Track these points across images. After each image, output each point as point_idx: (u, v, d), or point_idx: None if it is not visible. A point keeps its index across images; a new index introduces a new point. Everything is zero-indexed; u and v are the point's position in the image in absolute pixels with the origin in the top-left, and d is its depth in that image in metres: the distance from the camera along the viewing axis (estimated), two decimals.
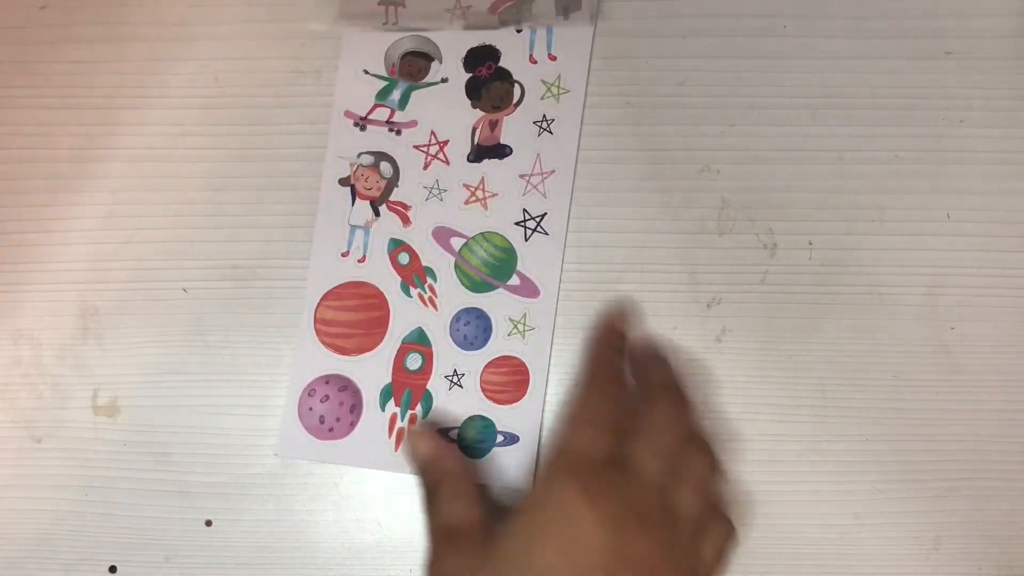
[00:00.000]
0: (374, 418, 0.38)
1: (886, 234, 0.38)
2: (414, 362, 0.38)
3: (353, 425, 0.38)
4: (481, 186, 0.39)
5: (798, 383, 0.38)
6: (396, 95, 0.39)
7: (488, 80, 0.39)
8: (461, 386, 0.38)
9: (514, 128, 0.39)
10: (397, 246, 0.39)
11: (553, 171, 0.39)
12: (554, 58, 0.39)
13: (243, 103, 0.40)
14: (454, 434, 0.38)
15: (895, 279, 0.38)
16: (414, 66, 0.39)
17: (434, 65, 0.39)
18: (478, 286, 0.38)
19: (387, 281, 0.39)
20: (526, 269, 0.38)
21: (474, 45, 0.39)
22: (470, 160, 0.39)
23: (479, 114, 0.39)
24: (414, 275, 0.38)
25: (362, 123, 0.39)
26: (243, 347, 0.39)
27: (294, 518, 0.39)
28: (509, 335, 0.38)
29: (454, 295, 0.38)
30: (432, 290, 0.38)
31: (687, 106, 0.39)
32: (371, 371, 0.38)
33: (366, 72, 0.39)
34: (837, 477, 0.38)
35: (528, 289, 0.38)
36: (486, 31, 0.39)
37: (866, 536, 0.38)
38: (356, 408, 0.38)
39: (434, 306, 0.38)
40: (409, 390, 0.38)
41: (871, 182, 0.39)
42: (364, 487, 0.39)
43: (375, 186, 0.39)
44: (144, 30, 0.40)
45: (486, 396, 0.38)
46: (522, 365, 0.38)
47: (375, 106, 0.39)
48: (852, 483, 0.38)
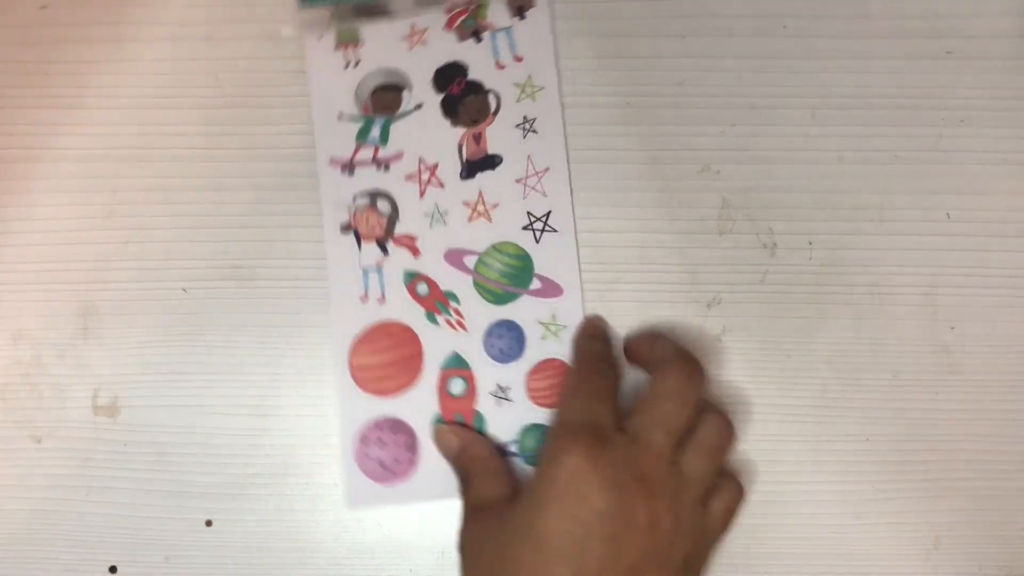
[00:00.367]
0: (432, 450, 0.38)
1: (886, 234, 0.38)
2: (457, 387, 0.38)
3: (414, 462, 0.38)
4: (480, 200, 0.39)
5: (798, 383, 0.38)
6: (376, 132, 0.39)
7: (462, 96, 0.39)
8: (509, 399, 0.38)
9: (498, 136, 0.39)
10: (413, 278, 0.38)
11: (547, 168, 0.39)
12: (520, 59, 0.39)
13: (243, 103, 0.40)
14: (515, 447, 0.38)
15: (895, 279, 0.38)
16: (386, 99, 0.39)
17: (405, 94, 0.39)
18: (501, 298, 0.38)
19: (411, 314, 0.38)
20: (544, 271, 0.38)
21: (439, 65, 0.39)
22: (463, 177, 0.39)
23: (461, 131, 0.39)
24: (436, 302, 0.38)
25: (349, 167, 0.39)
26: (243, 347, 0.39)
27: (294, 518, 0.39)
28: (543, 338, 0.38)
29: (480, 312, 0.38)
30: (458, 313, 0.38)
31: (687, 106, 0.39)
32: (418, 405, 0.38)
33: (341, 117, 0.39)
34: (837, 477, 0.38)
35: (551, 289, 0.38)
36: (449, 48, 0.39)
37: (866, 536, 0.38)
38: (412, 445, 0.38)
39: (463, 328, 0.38)
40: (459, 415, 0.38)
41: (871, 182, 0.39)
42: None
43: (377, 225, 0.39)
44: (144, 30, 0.40)
45: (536, 403, 0.38)
46: (563, 365, 0.38)
47: (358, 147, 0.39)
48: (852, 483, 0.38)
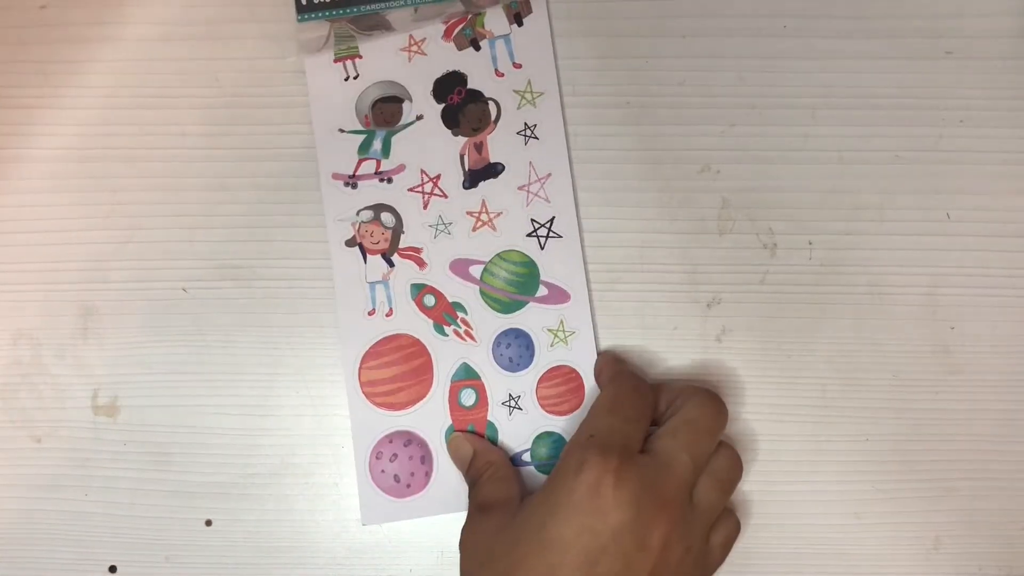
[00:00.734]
0: (447, 462, 0.38)
1: (886, 234, 0.38)
2: (468, 398, 0.38)
3: (428, 475, 0.38)
4: (484, 209, 0.39)
5: (798, 383, 0.38)
6: (377, 145, 0.39)
7: (462, 105, 0.39)
8: (520, 408, 0.38)
9: (500, 144, 0.39)
10: (420, 290, 0.38)
11: (549, 174, 0.39)
12: (519, 66, 0.39)
13: (243, 103, 0.40)
14: (527, 456, 0.38)
15: (895, 279, 0.38)
16: (386, 112, 0.39)
17: (405, 105, 0.39)
18: (508, 306, 0.38)
19: (419, 327, 0.38)
20: (550, 277, 0.38)
21: (439, 75, 0.39)
22: (466, 187, 0.39)
23: (462, 140, 0.39)
24: (444, 314, 0.38)
25: (352, 181, 0.39)
26: (243, 347, 0.39)
27: (294, 518, 0.39)
28: (552, 345, 0.38)
29: (488, 322, 0.38)
30: (465, 323, 0.38)
31: (687, 106, 0.39)
32: (430, 418, 0.38)
33: (342, 131, 0.39)
34: (837, 477, 0.38)
35: (558, 295, 0.38)
36: (448, 58, 0.39)
37: (866, 536, 0.38)
38: (426, 458, 0.38)
39: (472, 338, 0.38)
40: (472, 425, 0.38)
41: (871, 182, 0.39)
42: None
43: (382, 239, 0.39)
44: (144, 30, 0.40)
45: (547, 411, 0.38)
46: (573, 372, 0.38)
47: (360, 161, 0.39)
48: (852, 483, 0.38)
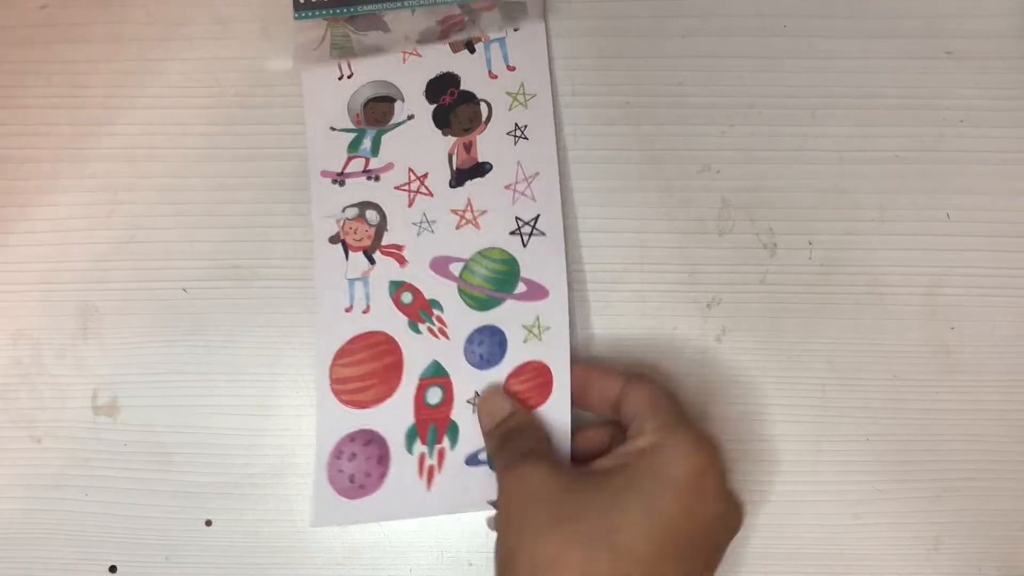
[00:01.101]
0: (403, 463, 0.37)
1: (886, 234, 0.38)
2: (435, 396, 0.37)
3: (383, 476, 0.37)
4: (469, 208, 0.38)
5: (798, 383, 0.38)
6: (367, 143, 0.39)
7: (454, 106, 0.39)
8: None
9: (489, 144, 0.39)
10: (398, 287, 0.38)
11: (537, 173, 0.38)
12: (513, 68, 0.39)
13: (243, 103, 0.40)
14: (482, 456, 0.37)
15: (895, 279, 0.38)
16: (378, 111, 0.39)
17: (397, 105, 0.39)
18: (485, 303, 0.38)
19: (394, 324, 0.38)
20: (530, 274, 0.38)
21: (432, 76, 0.39)
22: (452, 186, 0.39)
23: (452, 140, 0.39)
24: (420, 311, 0.38)
25: (340, 179, 0.39)
26: (243, 347, 0.39)
27: (294, 518, 0.39)
28: (525, 341, 0.37)
29: (463, 319, 0.38)
30: (440, 320, 0.38)
31: (687, 106, 0.39)
32: (393, 417, 0.37)
33: (333, 129, 0.39)
34: (837, 477, 0.38)
35: (536, 292, 0.38)
36: (442, 61, 0.39)
37: (866, 536, 0.38)
38: (384, 458, 0.37)
39: (445, 336, 0.38)
40: (433, 426, 0.37)
41: (871, 182, 0.39)
42: None
43: (365, 236, 0.39)
44: (144, 30, 0.40)
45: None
46: (542, 367, 0.37)
47: (349, 159, 0.39)
48: (852, 483, 0.38)
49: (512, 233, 0.38)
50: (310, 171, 0.39)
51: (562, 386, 0.37)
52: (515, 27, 0.39)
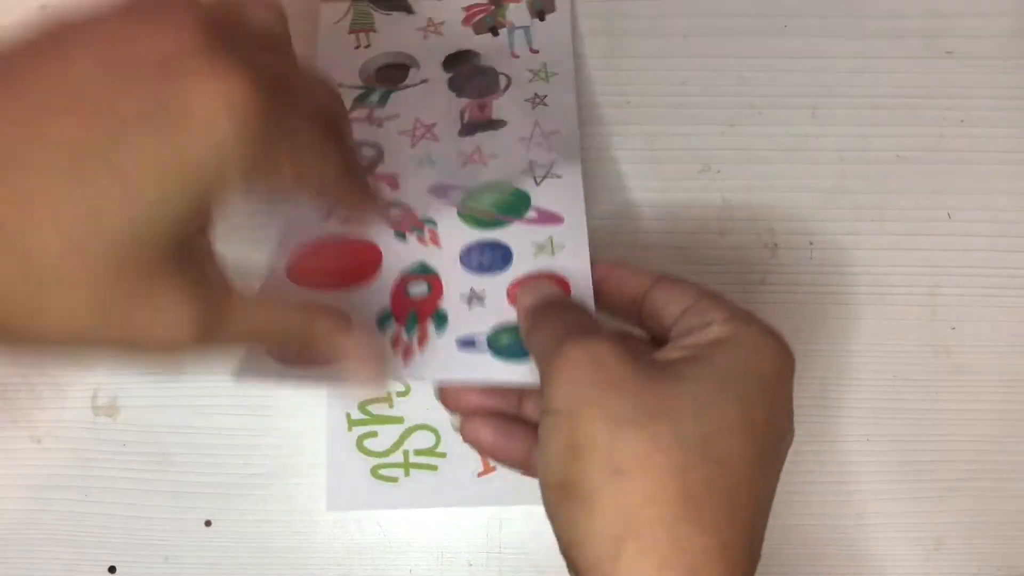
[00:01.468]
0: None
1: (886, 234, 0.38)
2: (418, 287, 0.32)
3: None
4: (477, 152, 0.35)
5: (798, 383, 0.38)
6: (375, 97, 0.37)
7: (471, 75, 0.38)
8: (483, 304, 0.32)
9: (505, 106, 0.37)
10: (387, 206, 0.34)
11: (555, 131, 0.36)
12: (536, 51, 0.38)
13: None
14: (482, 340, 0.31)
15: (895, 279, 0.38)
16: (392, 75, 0.38)
17: (412, 71, 0.38)
18: (488, 224, 0.33)
19: (377, 231, 0.33)
20: (542, 204, 0.33)
21: (452, 52, 0.38)
22: (461, 135, 0.36)
23: (465, 100, 0.37)
24: (411, 226, 0.33)
25: None
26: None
27: (294, 518, 0.39)
28: (535, 256, 0.32)
29: (460, 234, 0.33)
30: (432, 232, 0.33)
31: (688, 106, 0.39)
32: (364, 301, 0.32)
33: (341, 85, 0.37)
34: (837, 477, 0.38)
35: (548, 219, 0.33)
36: (463, 41, 0.38)
37: (866, 536, 0.38)
38: None
39: (436, 243, 0.33)
40: (414, 311, 0.32)
41: (871, 182, 0.39)
42: None
43: None
44: None
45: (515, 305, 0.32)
46: (555, 277, 0.32)
47: (353, 108, 0.37)
48: (852, 483, 0.38)
49: (523, 172, 0.35)
50: None
51: (583, 288, 0.31)
52: (541, 19, 0.38)
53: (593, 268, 0.32)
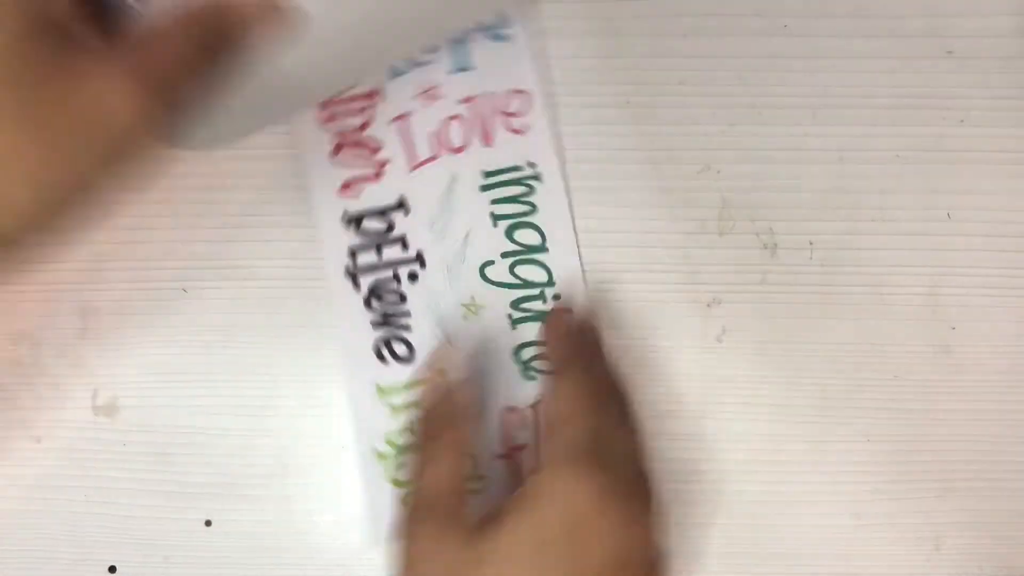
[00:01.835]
0: None
1: (886, 234, 0.38)
2: None
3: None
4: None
5: (798, 383, 0.38)
6: None
7: None
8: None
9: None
10: None
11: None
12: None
13: None
14: None
15: (895, 279, 0.38)
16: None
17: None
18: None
19: None
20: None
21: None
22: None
23: None
24: None
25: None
26: (243, 347, 0.39)
27: (294, 518, 0.39)
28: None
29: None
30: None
31: (687, 106, 0.39)
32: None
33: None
34: (837, 477, 0.38)
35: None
36: None
37: (866, 536, 0.38)
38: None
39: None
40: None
41: (871, 182, 0.38)
42: None
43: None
44: None
45: None
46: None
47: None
48: (852, 483, 0.38)
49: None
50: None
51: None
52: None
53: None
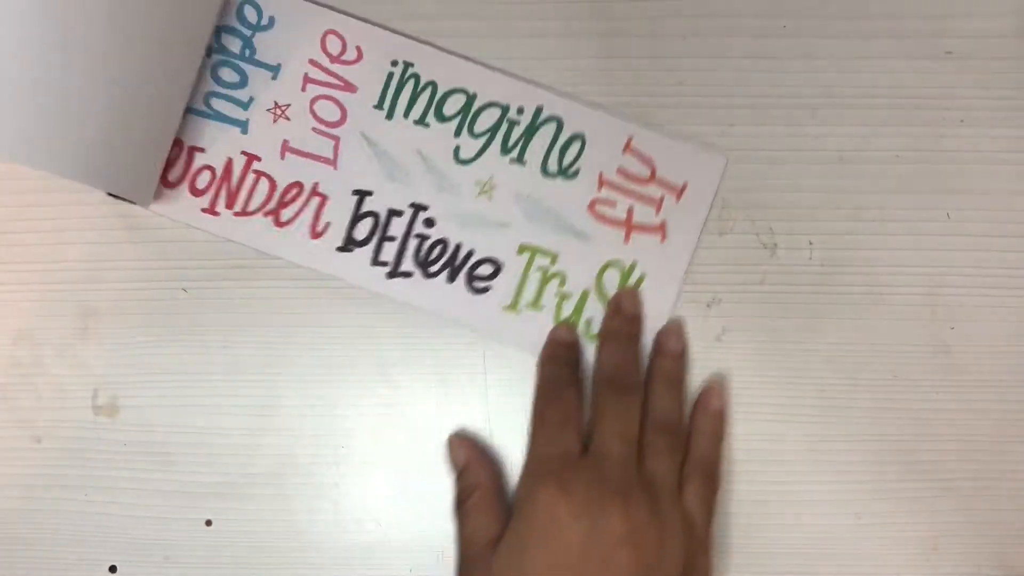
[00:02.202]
0: None
1: (886, 234, 0.38)
2: None
3: None
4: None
5: (798, 383, 0.38)
6: None
7: None
8: None
9: None
10: None
11: None
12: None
13: None
14: None
15: (895, 279, 0.38)
16: None
17: None
18: None
19: None
20: None
21: None
22: None
23: None
24: None
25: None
26: (243, 347, 0.39)
27: (294, 518, 0.39)
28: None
29: None
30: None
31: (687, 106, 0.39)
32: None
33: None
34: (837, 477, 0.38)
35: None
36: None
37: (866, 536, 0.38)
38: None
39: None
40: None
41: (871, 182, 0.38)
42: (364, 487, 0.39)
43: None
44: None
45: None
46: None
47: None
48: (852, 483, 0.38)
49: None
50: None
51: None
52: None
53: None
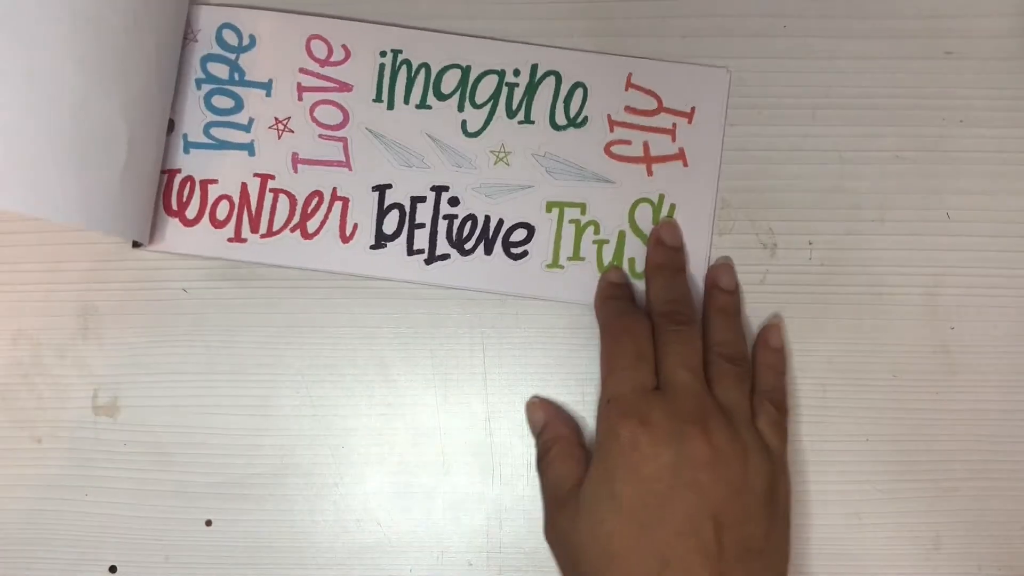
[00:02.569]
0: None
1: (886, 234, 0.38)
2: None
3: None
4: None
5: (798, 383, 0.38)
6: None
7: None
8: None
9: None
10: None
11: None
12: None
13: None
14: None
15: (895, 279, 0.38)
16: None
17: None
18: None
19: None
20: None
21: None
22: None
23: None
24: None
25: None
26: (244, 347, 0.39)
27: (294, 518, 0.39)
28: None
29: None
30: None
31: None
32: None
33: None
34: (837, 477, 0.38)
35: None
36: None
37: (866, 536, 0.38)
38: None
39: None
40: None
41: (871, 182, 0.38)
42: (364, 487, 0.39)
43: None
44: None
45: None
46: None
47: None
48: (852, 483, 0.38)
49: None
50: None
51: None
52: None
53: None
